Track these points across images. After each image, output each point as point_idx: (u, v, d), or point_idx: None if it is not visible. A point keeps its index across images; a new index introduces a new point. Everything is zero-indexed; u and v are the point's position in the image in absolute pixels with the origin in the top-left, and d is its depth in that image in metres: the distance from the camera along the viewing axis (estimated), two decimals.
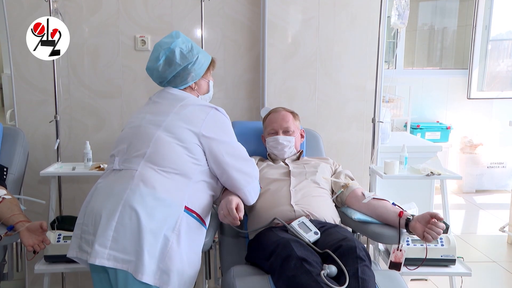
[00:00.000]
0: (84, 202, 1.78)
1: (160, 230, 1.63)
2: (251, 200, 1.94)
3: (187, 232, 1.71)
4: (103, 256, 1.60)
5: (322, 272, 1.66)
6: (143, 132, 1.79)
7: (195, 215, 1.76)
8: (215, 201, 1.98)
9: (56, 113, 2.74)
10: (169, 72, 1.90)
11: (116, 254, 1.61)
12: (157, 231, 1.63)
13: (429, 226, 1.91)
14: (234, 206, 1.81)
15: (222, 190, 1.96)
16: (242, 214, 1.83)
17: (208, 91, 2.04)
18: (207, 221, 1.88)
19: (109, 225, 1.62)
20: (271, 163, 2.41)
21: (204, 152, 1.81)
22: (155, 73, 1.94)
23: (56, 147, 2.72)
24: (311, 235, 1.91)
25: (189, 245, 1.72)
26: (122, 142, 1.83)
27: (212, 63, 2.03)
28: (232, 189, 1.89)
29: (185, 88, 1.95)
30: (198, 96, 1.98)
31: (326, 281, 1.63)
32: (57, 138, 2.74)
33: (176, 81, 1.93)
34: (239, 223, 1.82)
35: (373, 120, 2.94)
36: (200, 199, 1.81)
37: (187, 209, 1.73)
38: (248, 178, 1.89)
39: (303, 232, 1.91)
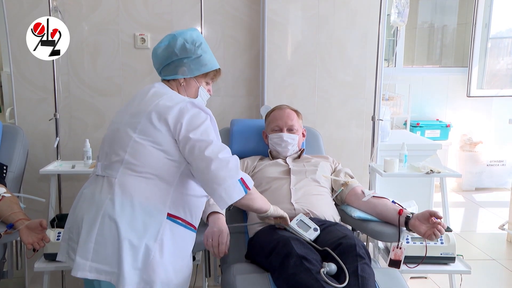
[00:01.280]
0: (72, 206, 1.76)
1: (140, 240, 1.58)
2: (221, 205, 1.66)
3: (172, 240, 1.65)
4: (85, 268, 1.57)
5: (322, 270, 1.66)
6: (120, 136, 1.70)
7: (180, 221, 1.69)
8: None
9: (55, 111, 2.74)
10: (165, 59, 1.84)
11: (98, 266, 1.57)
12: (138, 241, 1.58)
13: (439, 227, 1.92)
14: (226, 240, 1.87)
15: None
16: (227, 248, 1.89)
17: (195, 96, 1.89)
18: (196, 223, 1.79)
19: (89, 237, 1.58)
20: (271, 161, 2.41)
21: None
22: (154, 57, 1.88)
23: (55, 145, 2.72)
24: (311, 233, 1.92)
25: (174, 253, 1.66)
26: (104, 145, 1.77)
27: (215, 72, 1.91)
28: (205, 190, 1.71)
29: (173, 81, 1.86)
30: (185, 96, 1.84)
31: (326, 279, 1.63)
32: (56, 136, 2.74)
33: (168, 70, 1.85)
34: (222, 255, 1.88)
35: (373, 118, 2.94)
36: (186, 202, 1.72)
37: (171, 216, 1.66)
38: (216, 181, 1.63)
39: (303, 232, 1.91)
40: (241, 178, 1.68)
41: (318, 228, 1.94)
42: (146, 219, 1.61)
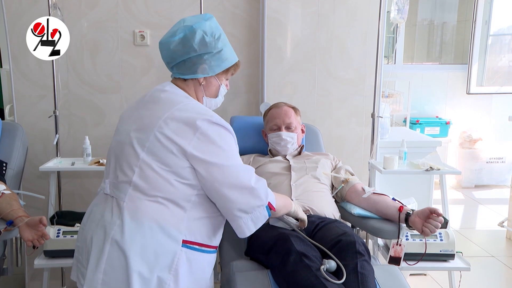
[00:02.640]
0: (82, 222, 1.66)
1: (151, 272, 1.46)
2: (245, 233, 1.57)
3: (189, 269, 1.52)
4: None
5: (322, 267, 1.66)
6: (128, 151, 1.55)
7: (198, 246, 1.55)
8: None
9: (55, 108, 2.74)
10: (180, 54, 1.61)
11: None
12: (148, 273, 1.46)
13: (428, 220, 1.92)
14: None
15: None
16: None
17: (216, 96, 1.71)
18: (217, 242, 1.65)
19: (98, 267, 1.48)
20: (271, 157, 2.41)
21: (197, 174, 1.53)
22: (165, 50, 1.64)
23: (55, 142, 2.72)
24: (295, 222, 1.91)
25: (192, 282, 1.54)
26: (110, 158, 1.63)
27: (235, 66, 1.72)
28: (224, 213, 1.59)
29: (191, 80, 1.65)
30: (203, 96, 1.68)
31: (326, 276, 1.63)
32: (56, 133, 2.73)
33: (185, 67, 1.62)
34: None
35: (373, 115, 2.93)
36: (204, 225, 1.57)
37: (186, 243, 1.52)
38: (244, 209, 1.53)
39: (291, 220, 1.90)
40: (268, 203, 1.58)
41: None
42: (158, 248, 1.48)
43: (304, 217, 1.88)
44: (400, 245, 2.09)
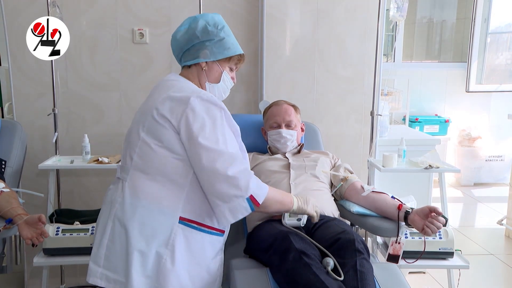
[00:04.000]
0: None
1: (150, 247, 1.54)
2: (223, 222, 1.59)
3: (186, 245, 1.58)
4: (96, 274, 1.57)
5: (329, 268, 1.67)
6: (133, 136, 1.65)
7: (195, 224, 1.60)
8: None
9: (54, 106, 2.74)
10: (185, 43, 1.72)
11: (108, 274, 1.56)
12: (147, 248, 1.54)
13: (430, 220, 1.91)
14: None
15: None
16: None
17: (218, 81, 1.77)
18: (216, 223, 1.68)
19: (101, 243, 1.59)
20: (270, 155, 2.41)
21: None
22: (174, 42, 1.76)
23: (54, 140, 2.72)
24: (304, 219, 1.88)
25: (190, 259, 1.59)
26: (124, 145, 1.72)
27: (239, 57, 1.80)
28: (207, 197, 1.60)
29: (194, 66, 1.74)
30: (206, 82, 1.76)
31: (334, 275, 1.64)
32: (55, 131, 2.73)
33: (189, 54, 1.73)
34: None
35: (372, 113, 2.93)
36: (201, 205, 1.61)
37: (183, 220, 1.58)
38: (220, 197, 1.54)
39: (296, 222, 1.88)
40: (251, 196, 1.56)
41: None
42: (155, 224, 1.56)
43: (312, 212, 1.82)
44: (399, 243, 2.08)
